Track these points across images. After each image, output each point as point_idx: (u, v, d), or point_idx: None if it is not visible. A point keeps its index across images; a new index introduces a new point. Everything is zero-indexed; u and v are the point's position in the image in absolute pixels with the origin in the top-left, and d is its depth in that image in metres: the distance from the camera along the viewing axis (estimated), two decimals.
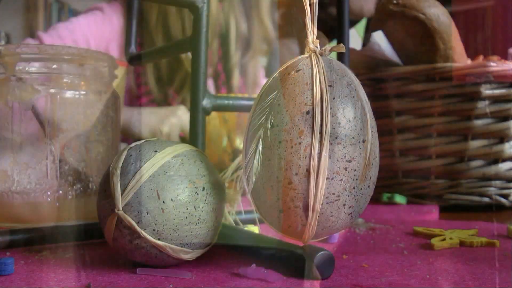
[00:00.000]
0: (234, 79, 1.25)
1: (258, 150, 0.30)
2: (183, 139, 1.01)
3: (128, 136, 1.06)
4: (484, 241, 0.40)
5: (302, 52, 0.32)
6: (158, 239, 0.30)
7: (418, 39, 0.65)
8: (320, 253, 0.30)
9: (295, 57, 0.32)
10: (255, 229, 0.39)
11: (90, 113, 0.48)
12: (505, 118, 0.65)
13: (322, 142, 0.29)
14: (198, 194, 0.31)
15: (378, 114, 0.65)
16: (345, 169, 0.29)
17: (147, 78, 1.13)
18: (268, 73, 1.53)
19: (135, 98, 1.15)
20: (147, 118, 1.04)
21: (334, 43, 0.83)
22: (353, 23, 1.51)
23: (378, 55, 0.66)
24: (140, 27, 1.12)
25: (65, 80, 0.47)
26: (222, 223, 0.34)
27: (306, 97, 0.29)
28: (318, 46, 0.31)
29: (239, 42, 1.18)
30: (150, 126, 1.03)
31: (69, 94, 0.47)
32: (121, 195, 0.30)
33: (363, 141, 0.30)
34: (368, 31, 0.72)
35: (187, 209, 0.31)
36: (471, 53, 0.69)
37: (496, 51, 0.69)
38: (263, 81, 1.34)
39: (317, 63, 0.30)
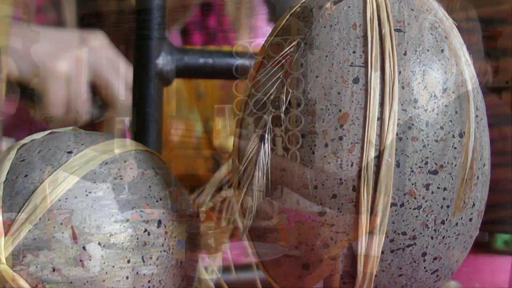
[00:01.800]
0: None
1: (262, 151, 0.21)
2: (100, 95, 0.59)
3: None
4: None
5: None
6: None
7: None
8: None
9: None
10: None
11: None
12: None
13: (383, 136, 0.19)
14: (149, 234, 0.20)
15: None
16: (427, 186, 0.20)
17: None
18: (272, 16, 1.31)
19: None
20: (36, 45, 0.59)
21: None
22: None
23: None
24: None
25: None
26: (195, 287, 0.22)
27: (354, 52, 0.20)
28: None
29: None
30: (38, 58, 0.58)
31: None
32: (3, 236, 0.19)
33: (460, 135, 0.20)
34: None
35: (128, 262, 0.20)
36: None
37: None
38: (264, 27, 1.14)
39: None
